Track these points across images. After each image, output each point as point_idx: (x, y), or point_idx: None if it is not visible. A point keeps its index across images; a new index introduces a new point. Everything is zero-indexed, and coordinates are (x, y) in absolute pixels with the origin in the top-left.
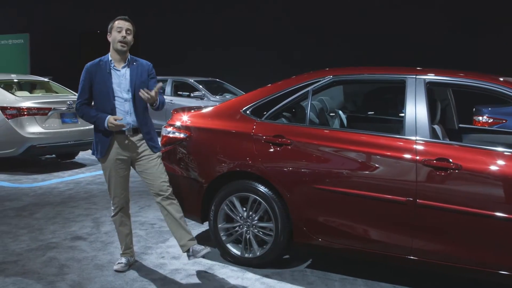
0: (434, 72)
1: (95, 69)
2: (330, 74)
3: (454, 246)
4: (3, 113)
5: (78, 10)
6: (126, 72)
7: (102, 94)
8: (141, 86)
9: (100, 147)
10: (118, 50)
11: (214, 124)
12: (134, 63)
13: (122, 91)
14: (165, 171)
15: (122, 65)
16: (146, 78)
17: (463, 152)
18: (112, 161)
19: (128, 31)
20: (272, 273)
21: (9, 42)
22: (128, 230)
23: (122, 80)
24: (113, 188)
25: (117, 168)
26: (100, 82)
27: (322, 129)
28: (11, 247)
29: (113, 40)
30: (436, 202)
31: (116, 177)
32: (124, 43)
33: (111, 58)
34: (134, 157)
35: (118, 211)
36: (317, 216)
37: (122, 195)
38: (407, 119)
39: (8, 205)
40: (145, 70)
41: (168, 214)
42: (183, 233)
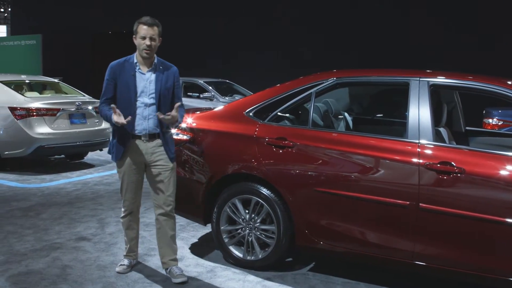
0: (438, 75)
1: (120, 69)
2: (333, 76)
3: (457, 251)
4: (12, 113)
5: (90, 11)
6: (152, 77)
7: (123, 97)
8: (165, 93)
9: (116, 150)
10: (143, 56)
11: (217, 126)
12: (161, 67)
13: (144, 95)
14: (174, 185)
15: (147, 69)
16: (172, 85)
17: (467, 156)
18: (126, 165)
19: (153, 38)
20: (274, 276)
21: (21, 43)
22: (135, 234)
23: (146, 84)
24: (124, 192)
25: (130, 172)
26: (123, 84)
27: (325, 131)
28: (15, 247)
29: (138, 46)
30: (439, 206)
31: (128, 181)
32: (149, 51)
33: (137, 60)
34: (148, 163)
35: (127, 214)
36: (319, 219)
37: (132, 199)
38: (410, 122)
39: (16, 205)
40: (171, 76)
41: (161, 228)
42: (168, 251)
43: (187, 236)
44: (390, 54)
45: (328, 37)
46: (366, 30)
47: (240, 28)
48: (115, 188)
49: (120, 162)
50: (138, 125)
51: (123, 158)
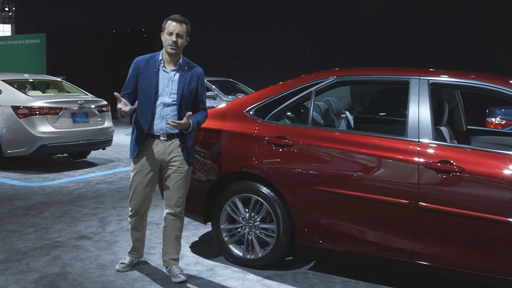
0: (439, 73)
1: (144, 65)
2: (333, 74)
3: (456, 250)
4: (15, 112)
5: (94, 10)
6: (175, 76)
7: (144, 93)
8: (187, 94)
9: (133, 147)
10: (169, 53)
11: (217, 125)
12: (186, 67)
13: (165, 94)
14: (187, 187)
15: (172, 68)
16: (195, 87)
17: (467, 155)
18: (140, 164)
19: (180, 35)
20: (274, 274)
21: (26, 42)
22: (140, 235)
23: (169, 83)
24: (133, 191)
25: (142, 172)
26: (145, 80)
27: (324, 130)
28: (16, 246)
29: (164, 42)
30: (438, 205)
31: (139, 181)
32: (175, 47)
33: (162, 57)
34: (164, 164)
35: (134, 214)
36: (319, 218)
37: (140, 201)
38: (410, 120)
39: (17, 203)
40: (195, 77)
41: (168, 227)
42: (171, 250)
43: (187, 234)
44: (392, 54)
45: (332, 37)
46: (369, 30)
47: (243, 27)
48: (117, 187)
49: (135, 159)
50: (155, 125)
51: (138, 156)
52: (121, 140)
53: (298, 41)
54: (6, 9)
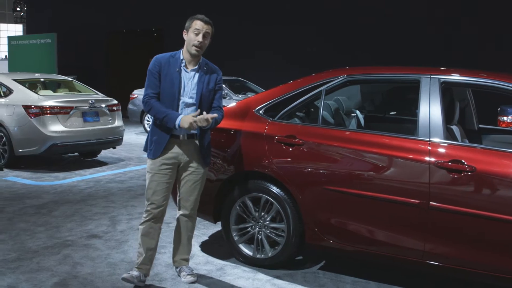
0: (450, 72)
1: (165, 62)
2: (343, 73)
3: (467, 250)
4: (26, 111)
5: (105, 10)
6: (195, 76)
7: (166, 93)
8: (207, 95)
9: (154, 147)
10: (191, 53)
11: (227, 124)
12: (205, 67)
13: (186, 94)
14: (202, 188)
15: (192, 67)
16: (213, 87)
17: (478, 154)
18: (160, 164)
19: (206, 35)
20: (284, 274)
21: (37, 41)
22: (153, 245)
23: (189, 83)
24: (151, 194)
25: (162, 172)
26: (167, 80)
27: (335, 129)
28: (27, 244)
29: (188, 41)
30: (449, 205)
31: (159, 182)
32: (199, 48)
33: (183, 57)
34: (182, 164)
35: (149, 219)
36: (329, 217)
37: (159, 202)
38: (421, 119)
39: (28, 202)
40: (214, 78)
41: (180, 227)
42: (182, 250)
43: (197, 234)
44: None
45: (341, 36)
46: (376, 29)
47: (253, 26)
48: (127, 186)
49: (155, 160)
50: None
51: (158, 158)
52: (132, 139)
53: (308, 40)
54: (18, 9)
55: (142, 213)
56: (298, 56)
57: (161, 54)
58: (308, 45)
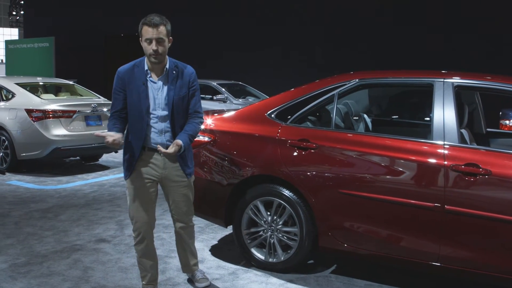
0: (462, 76)
1: (129, 76)
2: (356, 77)
3: (483, 253)
4: (29, 115)
5: (102, 13)
6: (164, 86)
7: (134, 109)
8: (180, 102)
9: (127, 165)
10: (152, 62)
11: (239, 128)
12: (174, 71)
13: (157, 107)
14: (191, 199)
15: (159, 76)
16: (186, 92)
17: (492, 157)
18: (138, 179)
19: (160, 40)
20: (297, 278)
21: (35, 45)
22: (155, 260)
23: (157, 94)
24: (134, 211)
25: (143, 188)
26: (134, 95)
27: (348, 133)
28: (36, 249)
29: (145, 50)
30: (465, 208)
31: (141, 198)
32: (157, 55)
33: (147, 66)
34: (163, 178)
35: (141, 239)
36: (343, 221)
37: (144, 219)
38: (435, 123)
39: (34, 206)
40: (186, 81)
41: (180, 240)
42: (190, 257)
43: (206, 238)
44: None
45: (341, 39)
46: (381, 32)
47: (254, 30)
48: None
49: (132, 176)
50: (153, 139)
51: (134, 172)
52: None
53: (308, 44)
54: (14, 13)
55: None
56: (299, 60)
57: (123, 66)
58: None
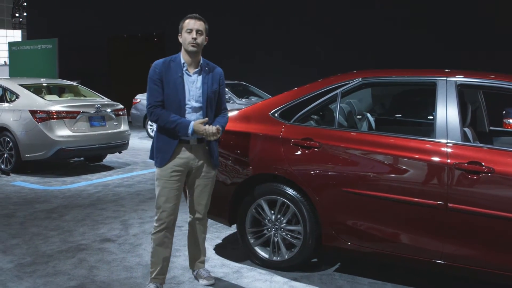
0: (465, 74)
1: (165, 69)
2: (359, 76)
3: (487, 252)
4: (33, 116)
5: (105, 15)
6: (198, 79)
7: (171, 100)
8: (212, 96)
9: (161, 156)
10: (189, 51)
11: (242, 127)
12: (207, 68)
13: (191, 99)
14: (212, 190)
15: (194, 70)
16: (217, 88)
17: (496, 156)
18: (170, 171)
19: (199, 32)
20: (301, 276)
21: (38, 47)
22: (168, 253)
23: (192, 86)
24: (163, 201)
25: (173, 179)
26: (171, 86)
27: (351, 132)
28: (42, 249)
29: (183, 41)
30: (468, 206)
31: (170, 189)
32: (195, 44)
33: (183, 60)
34: (191, 169)
35: (163, 228)
36: (346, 219)
37: (171, 210)
38: (438, 121)
39: (38, 207)
40: (217, 78)
41: (193, 231)
42: (199, 253)
43: (210, 237)
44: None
45: (343, 39)
46: (381, 31)
47: (256, 30)
48: (136, 190)
49: (164, 168)
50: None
51: (168, 164)
52: (135, 144)
53: (310, 43)
54: (17, 14)
55: (154, 216)
56: (301, 59)
57: (159, 60)
58: (310, 48)
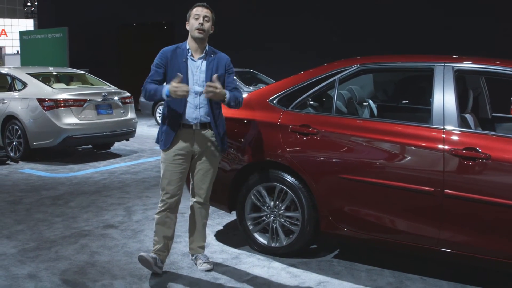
0: (464, 60)
1: (171, 55)
2: (357, 62)
3: (482, 238)
4: (40, 105)
5: (115, 3)
6: (202, 64)
7: None
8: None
9: (165, 138)
10: (195, 37)
11: (241, 114)
12: (212, 54)
13: (194, 83)
14: (214, 176)
15: (199, 56)
16: (223, 73)
17: (493, 142)
18: (173, 154)
19: (206, 18)
20: (299, 262)
21: (48, 36)
22: (170, 234)
23: (196, 71)
24: (166, 183)
25: (176, 162)
26: (174, 70)
27: (349, 118)
28: (45, 234)
29: (190, 28)
30: (464, 192)
31: (173, 171)
32: (202, 30)
33: (189, 46)
34: (196, 153)
35: (165, 209)
36: (343, 206)
37: (174, 192)
38: (435, 108)
39: (45, 194)
40: (223, 64)
41: (194, 215)
42: (197, 238)
43: (212, 223)
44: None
45: (353, 26)
46: (387, 19)
47: (263, 17)
48: (141, 177)
49: (167, 150)
50: (188, 114)
51: (171, 147)
52: (144, 132)
53: (318, 31)
54: (29, 4)
55: (157, 203)
56: (309, 47)
57: (167, 47)
58: (318, 35)
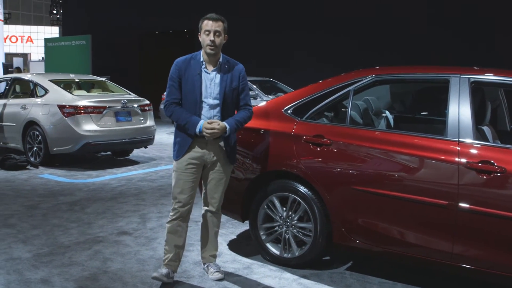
0: (480, 72)
1: (185, 66)
2: (372, 73)
3: (497, 253)
4: (61, 111)
5: (138, 12)
6: (216, 77)
7: (188, 97)
8: (230, 94)
9: (178, 148)
10: (208, 53)
11: (255, 124)
12: (226, 66)
13: (208, 96)
14: (226, 185)
15: (212, 68)
16: (237, 85)
17: (508, 155)
18: (185, 164)
19: (217, 33)
20: (311, 274)
21: (72, 43)
22: (181, 242)
23: (210, 84)
24: (178, 192)
25: (188, 171)
26: (189, 83)
27: (363, 129)
28: (60, 240)
29: (202, 42)
30: (479, 206)
31: (185, 181)
32: (213, 47)
33: (203, 58)
34: (207, 164)
35: (176, 218)
36: (357, 217)
37: (186, 201)
38: (450, 120)
39: (62, 199)
40: (237, 75)
41: (206, 224)
42: (209, 247)
43: (225, 232)
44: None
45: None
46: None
47: (284, 28)
48: (158, 184)
49: (180, 160)
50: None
51: (184, 157)
52: (163, 139)
53: (338, 42)
54: (54, 11)
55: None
56: (329, 57)
57: (181, 58)
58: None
